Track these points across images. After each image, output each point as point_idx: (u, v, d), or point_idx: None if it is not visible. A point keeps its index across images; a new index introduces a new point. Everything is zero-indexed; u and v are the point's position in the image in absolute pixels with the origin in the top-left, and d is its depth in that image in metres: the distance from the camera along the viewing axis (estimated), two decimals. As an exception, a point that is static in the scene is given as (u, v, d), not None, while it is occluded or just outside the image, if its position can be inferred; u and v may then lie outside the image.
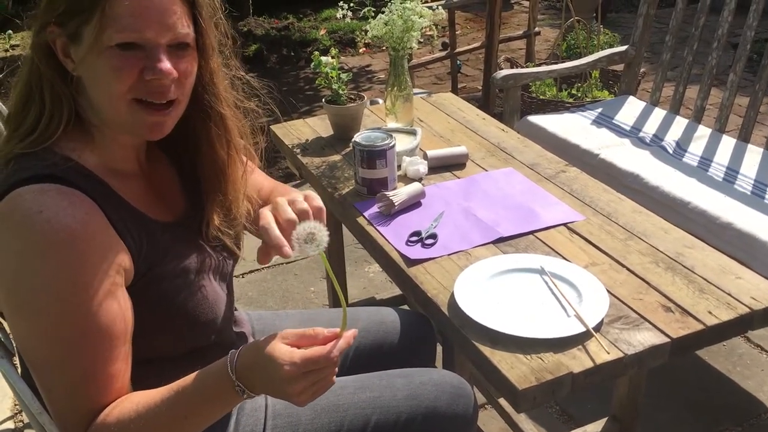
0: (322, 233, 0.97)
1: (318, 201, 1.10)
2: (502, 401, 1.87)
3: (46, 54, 1.00)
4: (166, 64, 0.99)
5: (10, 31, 5.59)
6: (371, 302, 2.32)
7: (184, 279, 1.08)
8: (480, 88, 4.38)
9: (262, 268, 2.87)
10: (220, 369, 0.96)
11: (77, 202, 0.96)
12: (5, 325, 1.15)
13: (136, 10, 0.96)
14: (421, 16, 1.78)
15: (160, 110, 1.03)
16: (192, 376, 0.97)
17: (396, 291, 2.40)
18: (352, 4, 1.96)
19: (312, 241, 0.96)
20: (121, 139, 1.08)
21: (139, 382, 1.01)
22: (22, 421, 2.16)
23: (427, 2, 1.86)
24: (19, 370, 1.09)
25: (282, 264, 2.92)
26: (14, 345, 1.11)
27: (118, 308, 0.97)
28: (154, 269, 1.04)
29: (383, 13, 1.80)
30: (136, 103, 1.01)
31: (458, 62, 4.56)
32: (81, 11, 0.96)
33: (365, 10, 1.90)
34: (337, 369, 0.96)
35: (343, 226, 1.88)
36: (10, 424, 2.15)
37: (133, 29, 0.97)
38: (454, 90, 4.36)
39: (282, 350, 0.93)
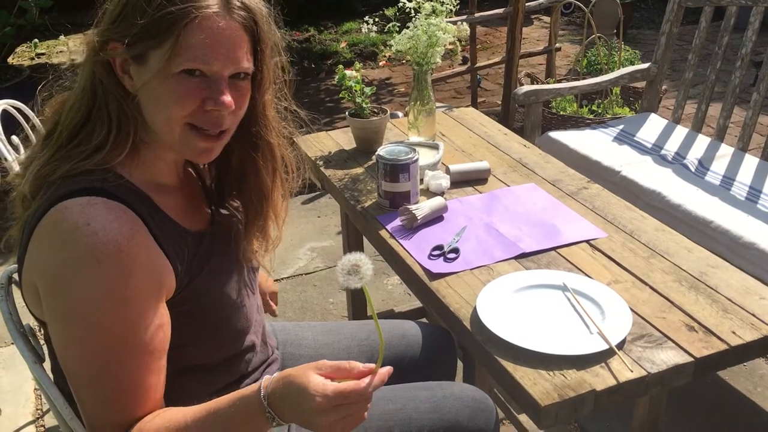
0: (367, 266, 0.96)
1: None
2: (522, 417, 1.87)
3: (107, 70, 1.02)
4: (227, 97, 1.02)
5: (36, 40, 5.69)
6: (390, 315, 2.33)
7: (221, 289, 1.11)
8: (499, 102, 4.39)
9: (281, 279, 2.89)
10: (253, 394, 0.96)
11: (124, 217, 0.97)
12: (37, 332, 1.17)
13: (208, 42, 0.99)
14: (445, 32, 1.80)
15: (212, 137, 1.06)
16: (224, 398, 0.98)
17: (415, 304, 2.40)
18: (376, 19, 1.98)
19: (356, 273, 0.96)
20: (167, 156, 1.11)
21: (174, 392, 1.02)
22: (43, 426, 2.18)
23: (450, 17, 1.87)
24: (51, 377, 1.11)
25: (301, 275, 2.93)
26: (45, 351, 1.13)
27: (158, 323, 0.98)
28: (194, 281, 1.06)
29: (407, 28, 1.82)
30: (189, 128, 1.04)
31: (478, 77, 4.58)
32: (153, 36, 0.99)
33: (390, 25, 1.92)
34: (369, 405, 0.96)
35: (364, 238, 1.89)
36: (31, 429, 2.17)
37: (202, 60, 1.00)
38: (474, 104, 4.37)
39: (316, 381, 0.93)
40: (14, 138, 1.92)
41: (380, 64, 5.63)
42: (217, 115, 1.04)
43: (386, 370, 0.97)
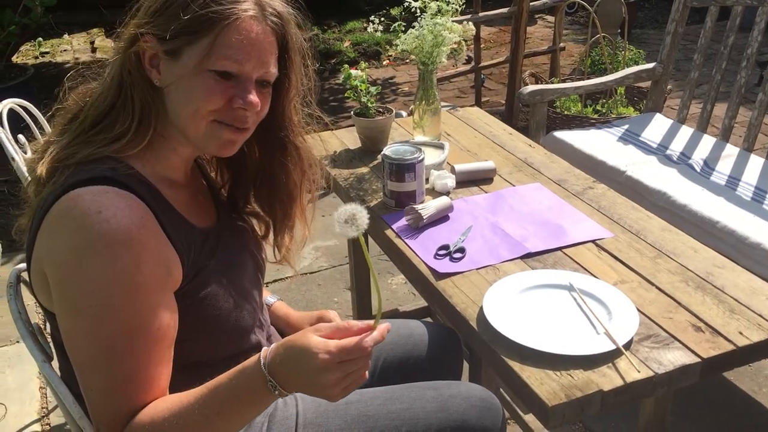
0: (363, 216, 0.97)
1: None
2: (528, 417, 1.87)
3: (135, 62, 1.05)
4: (255, 98, 1.08)
5: (40, 39, 5.71)
6: (395, 314, 2.33)
7: (226, 285, 1.11)
8: (503, 102, 4.38)
9: (286, 278, 2.89)
10: (253, 365, 0.96)
11: (134, 206, 0.99)
12: (45, 330, 1.18)
13: (243, 44, 1.04)
14: (451, 32, 1.80)
15: (236, 130, 1.10)
16: (226, 373, 0.98)
17: (420, 303, 2.40)
18: (382, 19, 1.98)
19: (353, 223, 0.96)
20: (182, 151, 1.13)
21: (178, 389, 1.02)
22: (48, 424, 2.19)
23: (455, 17, 1.87)
24: (59, 374, 1.11)
25: (306, 274, 2.93)
26: (53, 350, 1.13)
27: (167, 311, 0.99)
28: (199, 275, 1.07)
29: (413, 27, 1.82)
30: (215, 123, 1.08)
31: (482, 76, 4.58)
32: (192, 33, 1.02)
33: (395, 24, 1.92)
34: (369, 363, 0.96)
35: (369, 237, 1.89)
36: (37, 427, 2.18)
37: (236, 60, 1.04)
38: (478, 104, 4.37)
39: (316, 340, 0.93)
40: (20, 137, 1.92)
41: (384, 63, 5.63)
42: (243, 113, 1.08)
43: (385, 326, 0.97)
